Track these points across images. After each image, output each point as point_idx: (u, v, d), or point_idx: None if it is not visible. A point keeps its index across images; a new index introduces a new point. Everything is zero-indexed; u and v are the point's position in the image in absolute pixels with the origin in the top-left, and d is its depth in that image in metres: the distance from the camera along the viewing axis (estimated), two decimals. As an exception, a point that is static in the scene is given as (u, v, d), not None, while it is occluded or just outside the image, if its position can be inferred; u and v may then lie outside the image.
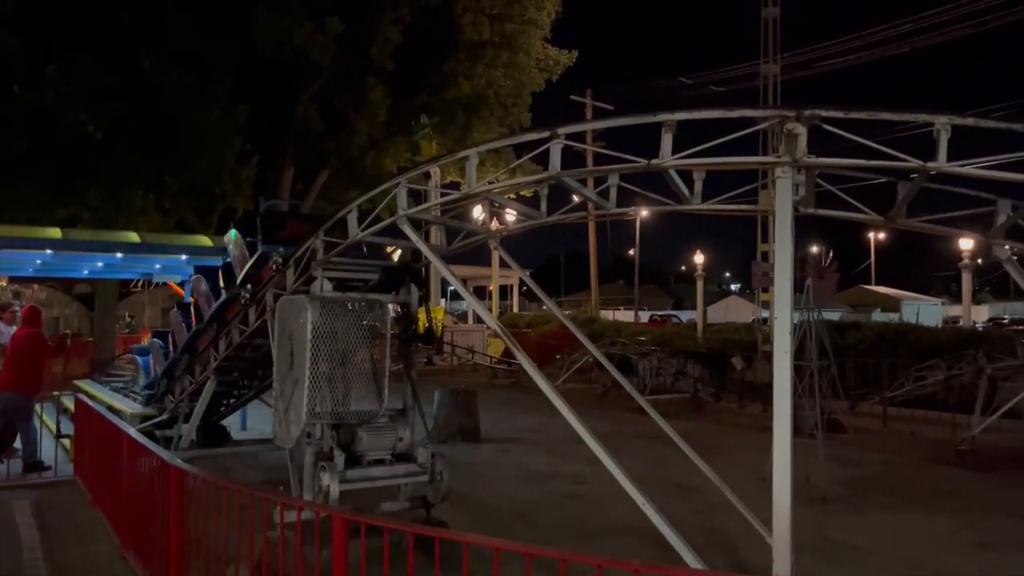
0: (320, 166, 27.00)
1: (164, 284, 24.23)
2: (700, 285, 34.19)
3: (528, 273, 9.00)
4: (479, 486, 9.87)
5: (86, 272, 18.49)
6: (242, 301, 8.48)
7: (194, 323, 10.37)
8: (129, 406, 11.55)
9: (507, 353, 26.46)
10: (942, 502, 9.61)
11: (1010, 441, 12.38)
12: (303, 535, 4.51)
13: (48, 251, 15.20)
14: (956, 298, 53.97)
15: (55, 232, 16.22)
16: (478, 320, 37.88)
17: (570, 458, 11.28)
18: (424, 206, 6.25)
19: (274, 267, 7.66)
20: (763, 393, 16.09)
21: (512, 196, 7.08)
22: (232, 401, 11.09)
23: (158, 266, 17.04)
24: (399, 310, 7.48)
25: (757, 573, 6.26)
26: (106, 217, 20.03)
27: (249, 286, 8.47)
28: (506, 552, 3.55)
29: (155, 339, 12.23)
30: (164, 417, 10.68)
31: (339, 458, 6.41)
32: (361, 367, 6.78)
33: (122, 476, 7.10)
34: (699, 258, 34.80)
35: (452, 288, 60.07)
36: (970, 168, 4.32)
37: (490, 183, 5.81)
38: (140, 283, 27.45)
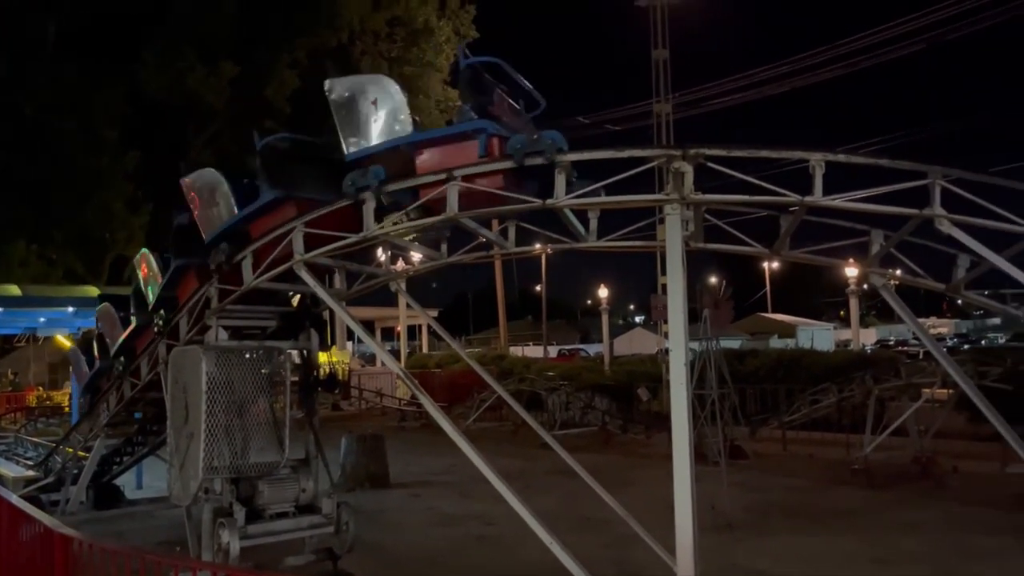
0: (217, 211, 26.30)
1: (50, 338, 23.01)
2: (605, 319, 34.73)
3: (436, 313, 9.00)
4: (388, 533, 9.67)
5: (-37, 328, 17.41)
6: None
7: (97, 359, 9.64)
8: (12, 470, 10.86)
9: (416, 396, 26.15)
10: (840, 521, 9.96)
11: (899, 458, 12.95)
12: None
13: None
14: (847, 323, 56.66)
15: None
16: (386, 362, 37.39)
17: (481, 499, 11.17)
18: (320, 251, 6.15)
19: (156, 328, 7.39)
20: (669, 423, 16.39)
21: (412, 237, 7.06)
22: (126, 458, 10.55)
23: (42, 320, 16.19)
24: (300, 357, 7.32)
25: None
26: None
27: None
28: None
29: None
30: (50, 480, 10.06)
31: (239, 513, 6.18)
32: (261, 417, 6.58)
33: (3, 546, 6.62)
34: (603, 292, 35.43)
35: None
36: (842, 201, 4.57)
37: (387, 226, 5.78)
38: (24, 338, 25.99)
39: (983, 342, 38.14)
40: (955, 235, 4.73)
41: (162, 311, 7.87)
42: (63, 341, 20.96)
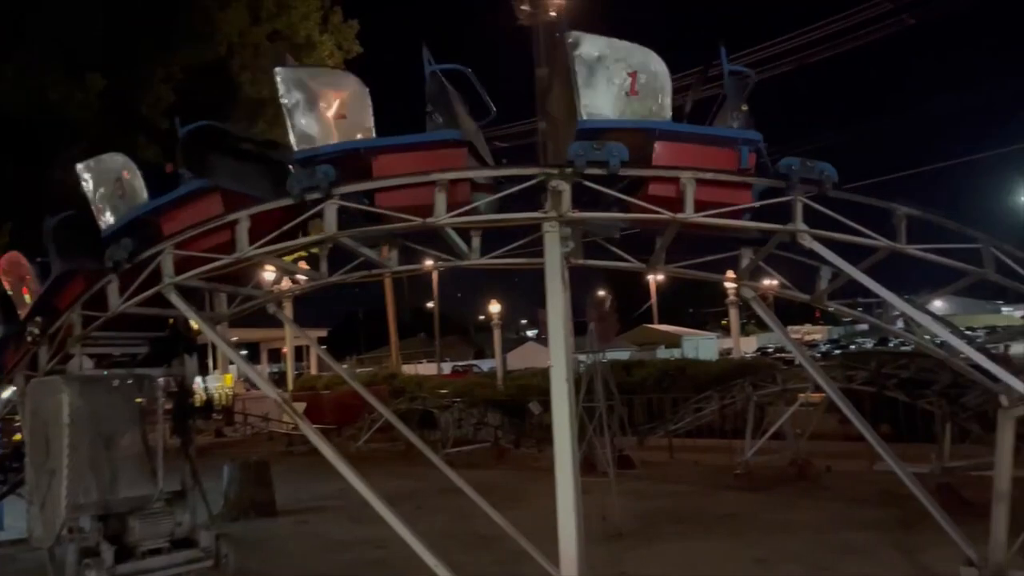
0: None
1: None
2: (497, 334, 34.94)
3: (325, 332, 8.78)
4: (275, 563, 9.35)
5: None
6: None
7: None
8: None
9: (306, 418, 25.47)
10: (724, 525, 10.30)
11: (778, 461, 13.52)
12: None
13: None
14: (729, 332, 58.92)
15: None
16: (276, 384, 36.31)
17: (371, 523, 10.82)
18: (191, 273, 5.90)
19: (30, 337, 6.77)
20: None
21: (293, 258, 6.90)
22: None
23: None
24: (175, 383, 6.99)
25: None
26: None
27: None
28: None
29: None
30: None
31: (107, 552, 5.83)
32: (131, 449, 6.25)
33: None
34: (495, 307, 35.62)
35: (244, 352, 57.21)
36: (711, 218, 4.74)
37: (267, 247, 5.59)
38: None
39: (852, 347, 40.43)
40: (816, 249, 5.00)
41: (38, 319, 6.91)
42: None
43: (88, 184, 6.79)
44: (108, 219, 6.47)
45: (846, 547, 8.84)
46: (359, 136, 5.46)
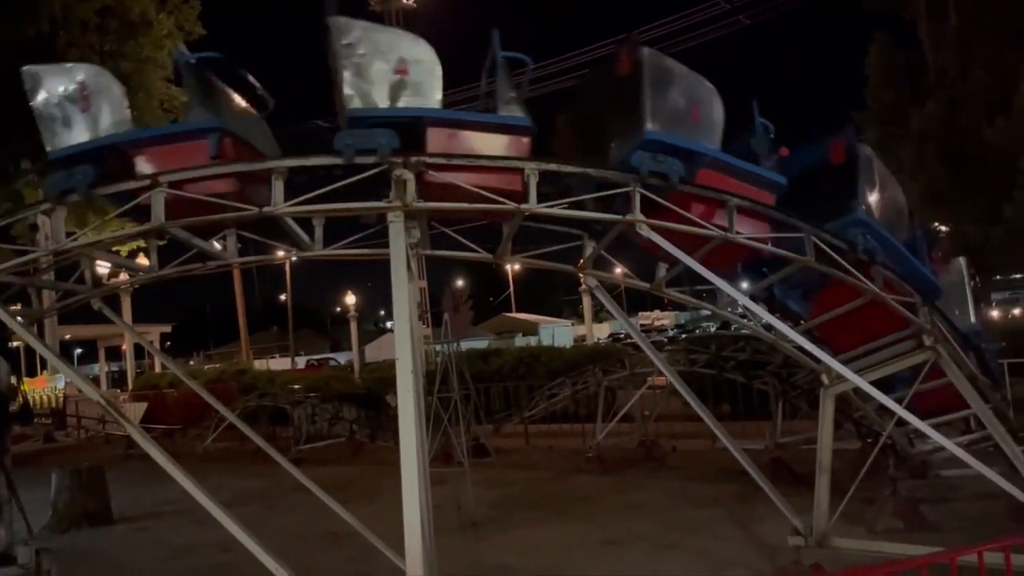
0: None
1: None
2: (354, 326, 34.36)
3: (169, 328, 8.25)
4: (110, 574, 8.76)
5: None
6: None
7: None
8: None
9: (147, 419, 24.09)
10: (576, 508, 10.55)
11: (627, 443, 14.01)
12: None
13: None
14: (583, 319, 60.50)
15: None
16: (113, 385, 34.14)
17: (217, 526, 10.32)
18: (6, 265, 5.37)
19: None
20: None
21: (126, 250, 6.43)
22: None
23: None
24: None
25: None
26: None
27: None
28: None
29: None
30: None
31: (-94, 577, 5.24)
32: (-66, 462, 5.64)
33: None
34: (351, 299, 34.98)
35: (79, 351, 53.42)
36: (556, 210, 4.78)
37: (82, 239, 5.17)
38: None
39: (697, 331, 42.51)
40: (653, 238, 5.16)
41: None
42: None
43: (40, 86, 5.58)
44: (60, 134, 5.40)
45: (691, 524, 9.26)
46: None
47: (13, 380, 6.30)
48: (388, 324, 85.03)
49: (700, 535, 8.74)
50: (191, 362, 48.65)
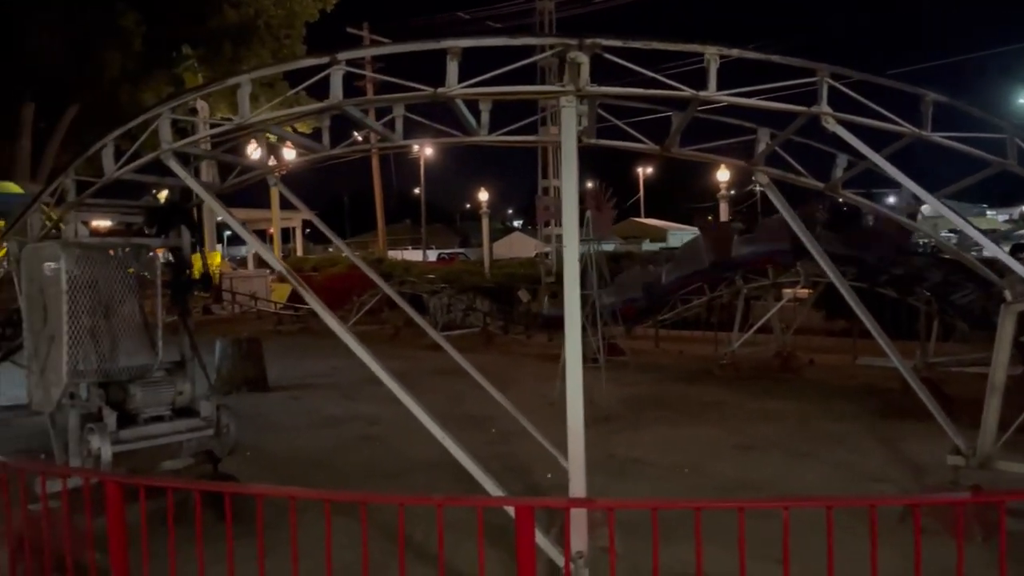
0: (66, 102, 24.09)
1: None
2: (486, 222, 34.71)
3: (314, 214, 8.61)
4: (269, 436, 9.51)
5: None
6: None
7: None
8: None
9: (293, 299, 25.56)
10: (707, 412, 10.54)
11: (762, 353, 13.77)
12: (73, 505, 4.06)
13: None
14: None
15: None
16: (260, 265, 36.20)
17: (364, 400, 11.14)
18: (192, 138, 5.69)
19: None
20: (547, 323, 16.77)
21: (290, 131, 6.66)
22: (-25, 366, 9.78)
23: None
24: (170, 255, 6.86)
25: (553, 494, 6.54)
26: None
27: None
28: (304, 500, 3.39)
29: None
30: None
31: (110, 418, 5.84)
32: (129, 319, 6.18)
33: None
34: (484, 195, 35.30)
35: (229, 233, 56.75)
36: (735, 97, 4.58)
37: (265, 113, 5.37)
38: None
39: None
40: (839, 133, 4.87)
41: None
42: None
43: None
44: None
45: (829, 436, 9.09)
46: None
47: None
48: (515, 223, 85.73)
49: (839, 448, 8.57)
50: (329, 249, 50.73)
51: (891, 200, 13.74)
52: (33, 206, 6.60)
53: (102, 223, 7.26)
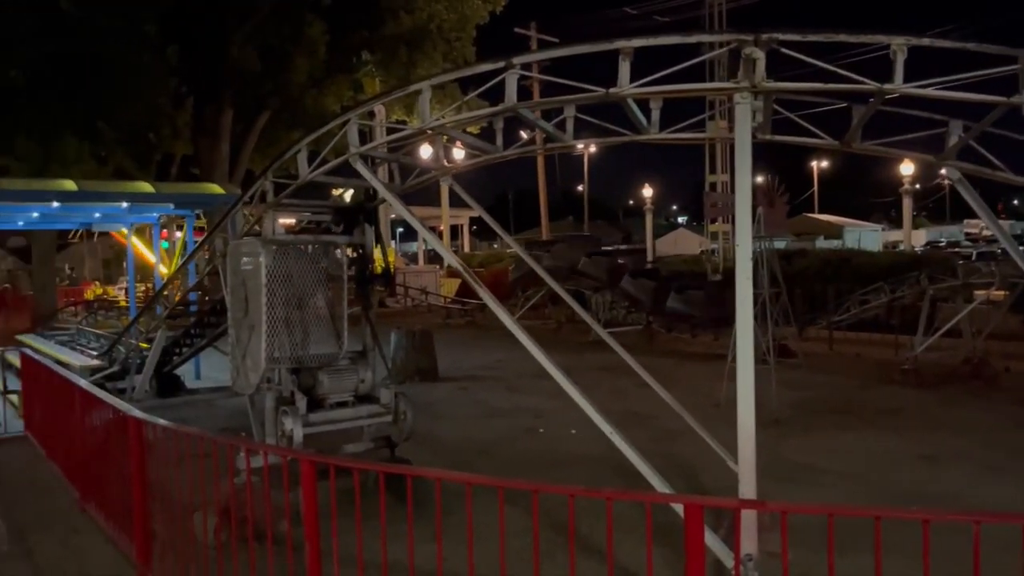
0: (260, 107, 26.14)
1: (106, 234, 23.49)
2: (649, 218, 34.49)
3: (477, 213, 8.90)
4: (440, 424, 9.93)
5: (20, 223, 17.68)
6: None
7: None
8: (77, 359, 11.28)
9: (461, 293, 26.43)
10: (887, 420, 9.98)
11: (949, 358, 12.84)
12: (268, 480, 4.47)
13: (-23, 202, 14.49)
14: (895, 223, 55.29)
15: (-16, 181, 15.45)
16: (431, 260, 37.66)
17: (528, 393, 11.40)
18: (376, 143, 6.08)
19: None
20: (713, 322, 16.39)
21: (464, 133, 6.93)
22: (185, 350, 10.87)
23: (98, 215, 16.35)
24: (354, 252, 7.34)
25: (718, 495, 6.45)
26: (37, 166, 19.11)
27: None
28: (477, 487, 3.56)
29: None
30: (115, 369, 10.45)
31: (301, 402, 6.35)
32: (318, 311, 6.68)
33: (76, 430, 6.94)
34: (648, 192, 34.99)
35: (401, 230, 59.31)
36: (927, 89, 4.34)
37: (447, 116, 5.64)
38: (79, 234, 26.54)
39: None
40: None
41: None
42: (119, 236, 21.37)
43: None
44: None
45: (1021, 449, 8.38)
46: None
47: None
48: (680, 220, 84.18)
49: (1036, 463, 7.89)
50: (495, 245, 51.99)
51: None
52: (236, 206, 7.26)
53: (287, 221, 7.88)
